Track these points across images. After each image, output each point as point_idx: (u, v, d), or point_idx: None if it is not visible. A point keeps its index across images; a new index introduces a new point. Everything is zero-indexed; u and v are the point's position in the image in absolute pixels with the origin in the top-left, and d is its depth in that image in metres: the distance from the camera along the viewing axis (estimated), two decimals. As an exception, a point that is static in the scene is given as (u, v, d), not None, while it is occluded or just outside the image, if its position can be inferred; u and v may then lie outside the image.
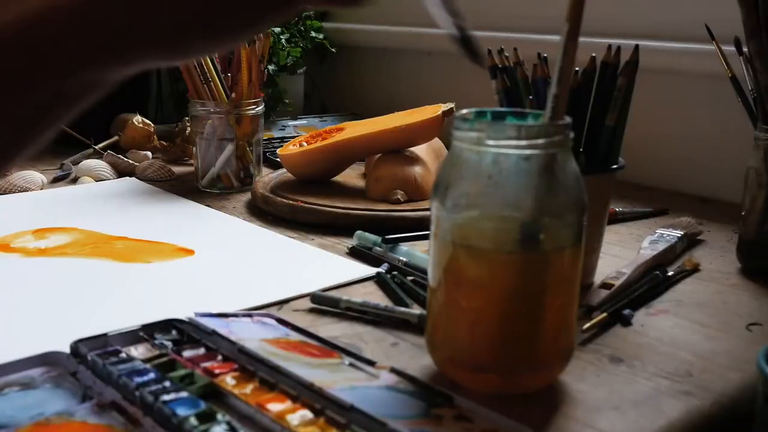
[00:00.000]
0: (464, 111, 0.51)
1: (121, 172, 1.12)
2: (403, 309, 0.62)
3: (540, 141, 0.47)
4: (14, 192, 1.01)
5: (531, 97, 0.67)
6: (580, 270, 0.51)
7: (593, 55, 0.68)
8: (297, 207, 0.88)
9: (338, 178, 1.03)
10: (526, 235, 0.49)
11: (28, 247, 0.79)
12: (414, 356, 0.56)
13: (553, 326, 0.50)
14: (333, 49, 1.49)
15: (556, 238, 0.49)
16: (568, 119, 0.49)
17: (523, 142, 0.47)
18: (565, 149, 0.49)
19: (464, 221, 0.49)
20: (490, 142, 0.48)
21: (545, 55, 0.69)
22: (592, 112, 0.68)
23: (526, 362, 0.50)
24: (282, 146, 1.09)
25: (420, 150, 0.98)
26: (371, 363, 0.54)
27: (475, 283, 0.49)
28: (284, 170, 1.04)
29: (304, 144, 1.01)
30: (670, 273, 0.72)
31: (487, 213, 0.49)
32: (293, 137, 1.27)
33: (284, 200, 0.91)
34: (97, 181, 1.07)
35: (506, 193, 0.49)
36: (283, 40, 1.36)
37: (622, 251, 0.80)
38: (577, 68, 0.68)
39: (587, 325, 0.60)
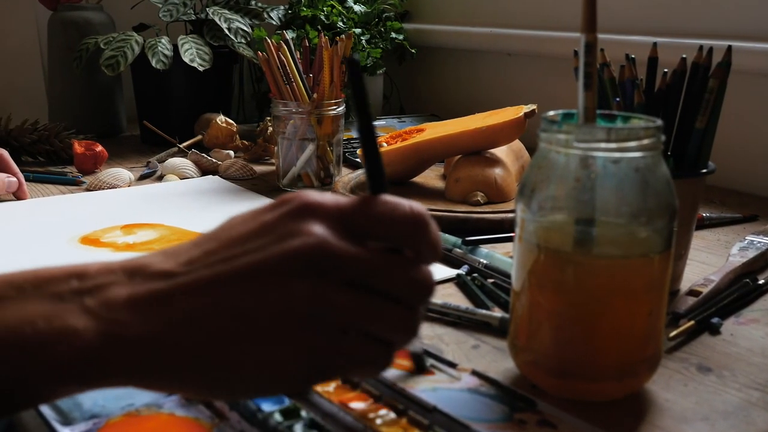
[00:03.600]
0: (551, 113, 0.51)
1: (204, 170, 1.14)
2: (484, 311, 0.61)
3: (630, 144, 0.46)
4: (103, 189, 1.04)
5: (617, 99, 0.66)
6: (669, 276, 0.50)
7: (683, 56, 0.66)
8: (377, 207, 0.88)
9: (418, 178, 1.03)
10: (614, 239, 0.48)
11: (118, 242, 0.82)
12: (495, 359, 0.56)
13: (640, 333, 0.49)
14: (413, 50, 1.50)
15: (645, 243, 0.48)
16: (659, 121, 0.48)
17: (613, 145, 0.46)
18: (655, 152, 0.48)
19: (550, 224, 0.49)
20: (579, 145, 0.47)
21: (633, 56, 0.67)
22: (682, 114, 0.66)
23: (612, 369, 0.49)
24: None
25: (500, 152, 0.98)
26: (453, 365, 0.53)
27: (560, 287, 0.48)
28: (364, 170, 1.05)
29: (385, 145, 1.01)
30: (761, 281, 0.69)
31: (573, 216, 0.48)
32: (372, 138, 1.28)
33: (364, 200, 0.91)
34: (181, 178, 1.10)
35: (594, 197, 0.48)
36: (363, 41, 1.37)
37: (709, 258, 0.77)
38: (665, 69, 0.67)
39: (674, 332, 0.58)
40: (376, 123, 1.40)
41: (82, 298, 0.38)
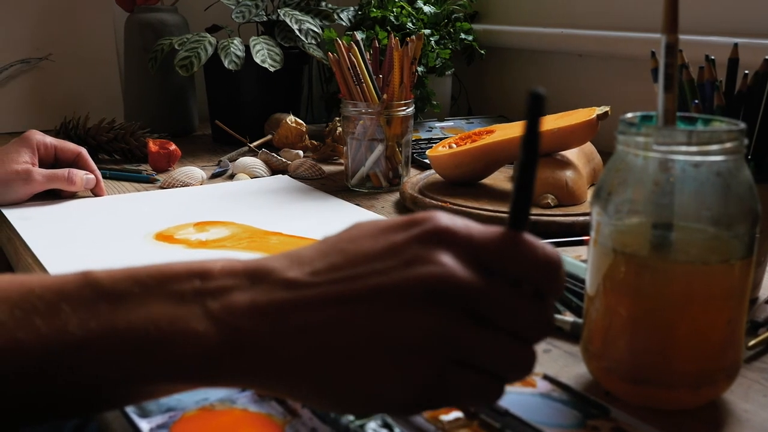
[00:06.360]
0: (629, 115, 0.50)
1: (274, 169, 1.15)
2: (555, 316, 0.61)
3: (712, 147, 0.45)
4: (176, 187, 1.06)
5: (696, 101, 0.65)
6: (750, 284, 0.49)
7: (766, 57, 0.64)
8: (445, 208, 0.88)
9: (487, 180, 1.03)
10: (693, 245, 0.47)
11: (191, 239, 0.83)
12: (567, 364, 0.55)
13: (718, 341, 0.48)
14: (482, 51, 1.49)
15: (726, 249, 0.47)
16: (742, 124, 0.47)
17: (694, 148, 0.45)
18: (738, 156, 0.47)
19: (627, 228, 0.48)
20: (658, 148, 0.46)
21: (713, 57, 0.66)
22: (763, 117, 0.64)
23: (689, 377, 0.48)
24: (429, 147, 1.10)
25: (571, 154, 0.96)
26: (524, 369, 0.53)
27: (636, 292, 0.47)
28: (432, 171, 1.04)
29: (454, 146, 1.01)
30: None
31: (651, 220, 0.48)
32: (440, 139, 1.28)
33: (432, 201, 0.91)
34: (252, 177, 1.11)
35: (673, 201, 0.47)
36: (432, 42, 1.37)
37: (789, 265, 0.75)
38: (746, 71, 0.65)
39: (753, 341, 0.57)
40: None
41: (204, 300, 0.38)
